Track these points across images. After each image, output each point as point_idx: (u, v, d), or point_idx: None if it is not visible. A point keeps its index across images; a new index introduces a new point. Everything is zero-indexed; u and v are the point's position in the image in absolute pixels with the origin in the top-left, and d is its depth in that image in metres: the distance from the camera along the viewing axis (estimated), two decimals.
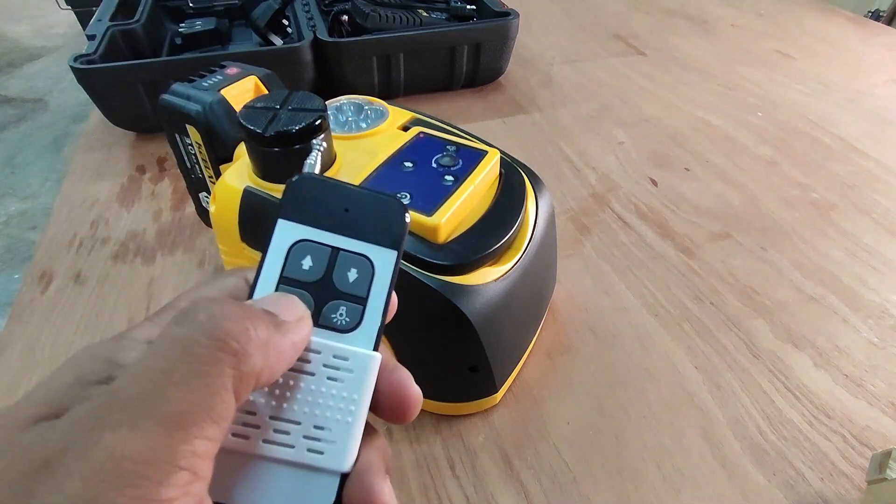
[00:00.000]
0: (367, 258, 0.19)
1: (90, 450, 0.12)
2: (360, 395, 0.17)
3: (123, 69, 0.60)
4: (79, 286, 0.48)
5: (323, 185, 0.19)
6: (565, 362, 0.42)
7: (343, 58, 0.67)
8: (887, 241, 0.54)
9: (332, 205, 0.19)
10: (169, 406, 0.13)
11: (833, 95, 0.78)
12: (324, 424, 0.17)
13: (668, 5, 1.08)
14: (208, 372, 0.14)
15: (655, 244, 0.52)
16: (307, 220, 0.19)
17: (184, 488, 0.13)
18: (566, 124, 0.70)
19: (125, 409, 0.13)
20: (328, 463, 0.17)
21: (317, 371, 0.17)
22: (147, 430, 0.12)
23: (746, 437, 0.37)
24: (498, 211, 0.35)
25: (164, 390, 0.13)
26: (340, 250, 0.19)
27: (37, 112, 2.29)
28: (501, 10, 0.74)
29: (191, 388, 0.13)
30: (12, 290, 1.54)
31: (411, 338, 0.35)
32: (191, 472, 0.13)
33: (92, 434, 0.12)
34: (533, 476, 0.35)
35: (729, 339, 0.44)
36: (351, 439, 0.17)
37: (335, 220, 0.19)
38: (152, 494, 0.12)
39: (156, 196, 0.58)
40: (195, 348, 0.14)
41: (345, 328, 0.18)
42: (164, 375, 0.13)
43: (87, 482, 0.12)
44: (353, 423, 0.17)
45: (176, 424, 0.13)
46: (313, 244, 0.18)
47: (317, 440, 0.17)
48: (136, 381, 0.13)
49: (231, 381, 0.14)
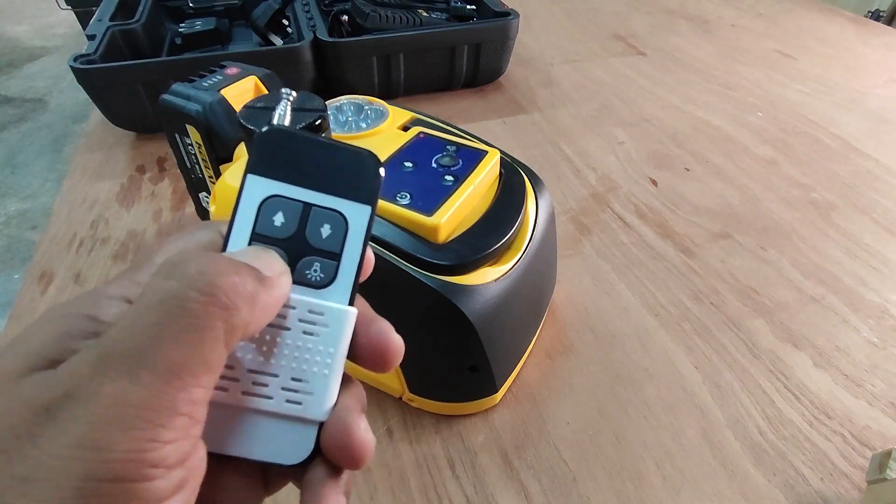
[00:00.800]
0: (341, 213, 0.18)
1: (93, 397, 0.13)
2: (335, 348, 0.18)
3: (123, 69, 0.60)
4: (79, 286, 0.48)
5: (293, 138, 0.19)
6: (565, 362, 0.42)
7: (343, 58, 0.67)
8: (887, 241, 0.54)
9: (304, 159, 0.18)
10: (165, 358, 0.14)
11: (833, 95, 0.78)
12: (301, 377, 0.18)
13: (668, 5, 1.08)
14: (201, 325, 0.14)
15: (655, 244, 0.52)
16: (277, 174, 0.18)
17: (183, 431, 0.14)
18: (566, 124, 0.70)
19: (123, 360, 0.13)
20: (306, 412, 0.18)
21: (293, 326, 0.18)
22: (146, 380, 0.13)
23: (746, 437, 0.37)
24: (498, 211, 0.35)
25: (160, 343, 0.14)
26: (313, 206, 0.18)
27: (37, 112, 2.29)
28: (501, 10, 0.74)
29: (185, 340, 0.14)
30: (12, 290, 1.54)
31: (411, 338, 0.34)
32: (189, 417, 0.14)
33: (92, 383, 0.13)
34: (533, 476, 0.35)
35: (729, 339, 0.44)
36: (328, 390, 0.18)
37: (307, 175, 0.18)
38: (156, 436, 0.13)
39: (156, 196, 0.58)
40: (187, 302, 0.14)
41: (319, 284, 0.18)
42: (158, 328, 0.14)
43: (93, 426, 0.13)
44: (330, 375, 0.18)
45: (173, 374, 0.14)
46: (285, 199, 0.18)
47: (295, 391, 0.17)
48: (131, 333, 0.14)
49: (222, 333, 0.15)
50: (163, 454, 0.13)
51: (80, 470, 0.12)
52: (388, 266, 0.31)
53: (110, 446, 0.13)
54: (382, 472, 0.35)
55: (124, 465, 0.13)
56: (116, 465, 0.13)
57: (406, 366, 0.36)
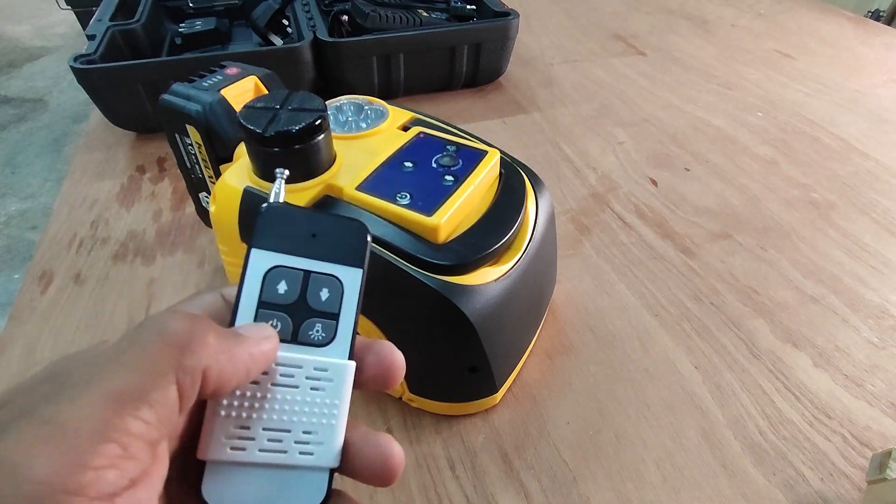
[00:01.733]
0: (336, 278, 0.20)
1: (28, 417, 0.13)
2: (340, 399, 0.19)
3: (123, 69, 0.60)
4: (79, 286, 0.48)
5: (289, 213, 0.21)
6: (565, 362, 0.42)
7: (343, 58, 0.67)
8: (887, 241, 0.54)
9: (300, 231, 0.21)
10: (109, 384, 0.14)
11: (833, 95, 0.78)
12: (311, 429, 0.19)
13: (668, 5, 1.08)
14: (151, 359, 0.15)
15: (655, 244, 0.52)
16: (278, 247, 0.20)
17: (112, 460, 0.13)
18: (566, 124, 0.70)
19: (71, 387, 0.14)
20: (318, 461, 0.19)
21: (300, 384, 0.19)
22: (83, 402, 0.14)
23: (746, 437, 0.37)
24: (498, 211, 0.35)
25: (109, 371, 0.14)
26: (311, 273, 0.20)
27: (37, 112, 2.29)
28: (501, 10, 0.74)
29: (133, 371, 0.15)
30: (12, 290, 1.54)
31: (411, 338, 0.35)
32: (120, 446, 0.14)
33: (34, 406, 0.14)
34: (533, 476, 0.35)
35: (729, 339, 0.44)
36: (336, 438, 0.19)
37: (304, 245, 0.20)
38: (81, 459, 0.13)
39: (156, 196, 0.58)
40: (142, 340, 0.15)
41: (321, 342, 0.20)
42: (111, 360, 0.15)
43: (19, 442, 0.13)
44: (337, 424, 0.19)
45: (111, 400, 0.14)
46: (286, 269, 0.20)
47: (306, 443, 0.19)
48: (87, 365, 0.15)
49: (173, 372, 0.15)
50: (84, 480, 0.13)
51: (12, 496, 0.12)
52: (388, 266, 0.31)
53: (29, 464, 0.12)
54: None
55: (37, 486, 0.12)
56: (30, 486, 0.12)
57: (406, 366, 0.36)
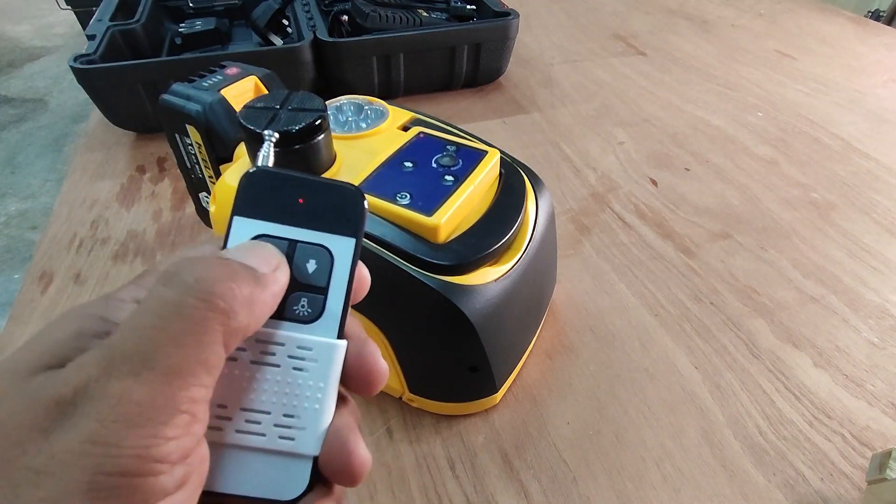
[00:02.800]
0: (326, 248, 0.19)
1: (101, 395, 0.14)
2: (325, 382, 0.18)
3: (123, 69, 0.60)
4: (79, 286, 0.48)
5: (276, 177, 0.19)
6: (565, 362, 0.42)
7: (343, 58, 0.67)
8: (887, 241, 0.54)
9: (287, 197, 0.19)
10: (165, 359, 0.14)
11: (833, 95, 0.78)
12: (293, 412, 0.18)
13: (668, 5, 1.08)
14: (199, 329, 0.15)
15: (655, 244, 0.52)
16: (262, 214, 0.19)
17: (185, 428, 0.14)
18: (566, 124, 0.70)
19: (126, 360, 0.14)
20: (299, 448, 0.18)
21: (282, 363, 0.18)
22: (148, 379, 0.14)
23: (746, 437, 0.37)
24: (498, 211, 0.35)
25: (160, 345, 0.14)
26: (298, 242, 0.19)
27: (37, 112, 2.29)
28: (501, 10, 0.74)
29: (184, 343, 0.15)
30: (12, 290, 1.54)
31: (411, 338, 0.35)
32: (190, 415, 0.15)
33: (99, 383, 0.14)
34: (533, 476, 0.35)
35: (729, 339, 0.44)
36: (320, 425, 0.18)
37: (291, 213, 0.19)
38: (159, 433, 0.14)
39: (156, 196, 0.58)
40: (185, 309, 0.15)
41: (307, 318, 0.18)
42: (158, 332, 0.15)
43: (102, 423, 0.13)
44: (321, 409, 0.18)
45: (173, 374, 0.14)
46: (270, 238, 0.18)
47: (287, 427, 0.18)
48: (134, 336, 0.15)
49: (220, 336, 0.15)
50: (166, 450, 0.14)
51: (91, 465, 0.13)
52: (388, 266, 0.31)
53: (118, 442, 0.13)
54: (382, 472, 0.35)
55: (131, 460, 0.13)
56: (124, 460, 0.13)
57: (406, 366, 0.36)
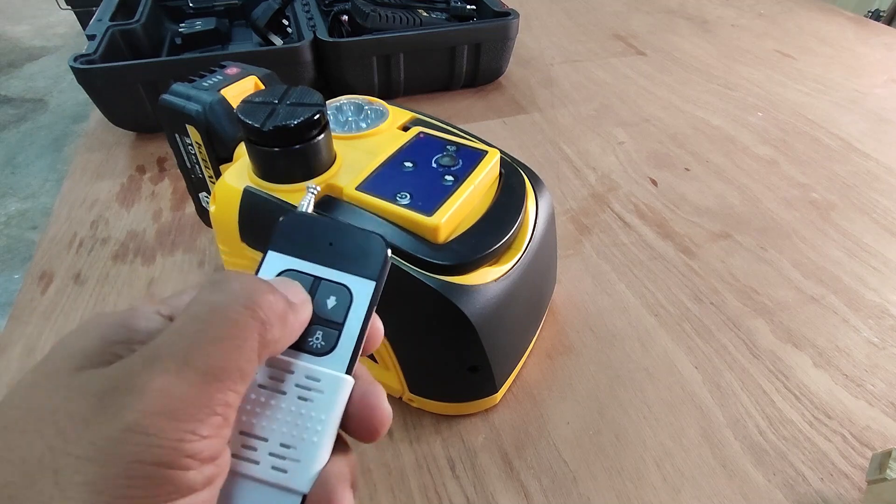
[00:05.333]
0: (346, 287, 0.20)
1: (144, 388, 0.14)
2: (328, 416, 0.18)
3: (123, 69, 0.60)
4: (79, 286, 0.48)
5: (311, 221, 0.21)
6: (565, 362, 0.42)
7: (343, 58, 0.67)
8: (887, 241, 0.54)
9: (318, 238, 0.21)
10: (208, 360, 0.15)
11: (833, 95, 0.78)
12: (290, 443, 0.18)
13: (668, 5, 1.08)
14: (241, 335, 0.16)
15: (655, 244, 0.52)
16: (294, 251, 0.20)
17: (217, 429, 0.15)
18: (566, 124, 0.70)
19: (171, 358, 0.15)
20: (290, 482, 0.17)
21: (288, 390, 0.18)
22: (190, 377, 0.15)
23: (746, 437, 0.37)
24: (498, 211, 0.35)
25: (204, 347, 0.15)
26: (322, 279, 0.20)
27: (37, 112, 2.29)
28: (501, 10, 0.74)
29: (225, 347, 0.15)
30: (12, 290, 1.54)
31: (411, 338, 0.35)
32: (223, 418, 0.15)
33: (143, 377, 0.14)
34: (533, 476, 0.35)
35: (729, 339, 0.44)
36: (315, 461, 0.17)
37: (319, 252, 0.20)
38: (195, 429, 0.14)
39: (156, 196, 0.58)
40: (230, 313, 0.16)
41: (320, 351, 0.19)
42: (203, 335, 0.15)
43: (142, 413, 0.14)
44: (319, 443, 0.18)
45: (213, 376, 0.15)
46: (297, 273, 0.20)
47: (282, 458, 0.17)
48: (180, 337, 0.15)
49: (257, 345, 0.16)
50: (199, 447, 0.14)
51: (129, 452, 0.13)
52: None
53: (157, 433, 0.14)
54: (382, 472, 0.35)
55: (167, 451, 0.14)
56: (161, 450, 0.14)
57: (406, 366, 0.36)
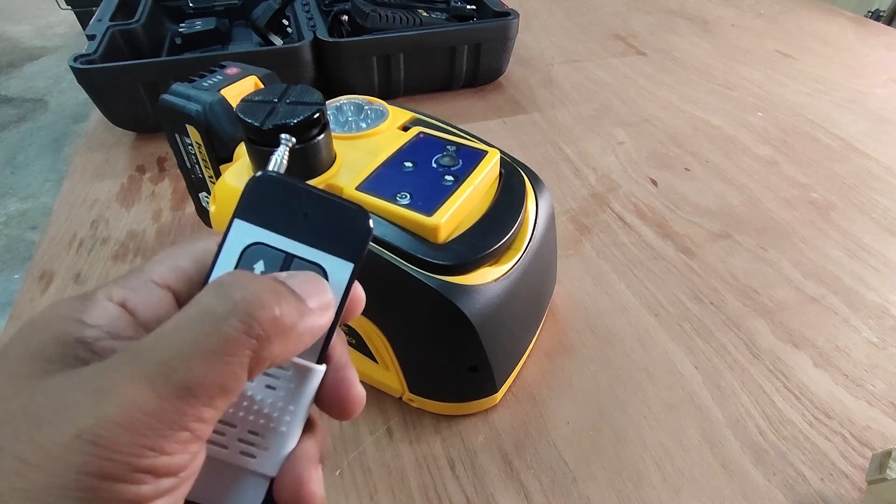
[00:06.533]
0: (322, 268, 0.18)
1: (107, 395, 0.13)
2: (296, 405, 0.18)
3: (123, 69, 0.60)
4: (79, 286, 0.48)
5: (284, 185, 0.18)
6: (565, 362, 0.42)
7: (343, 58, 0.67)
8: (887, 241, 0.54)
9: (293, 208, 0.18)
10: (188, 374, 0.14)
11: (833, 95, 0.78)
12: (258, 430, 0.17)
13: (668, 5, 1.08)
14: (231, 352, 0.14)
15: (655, 244, 0.52)
16: (264, 222, 0.18)
17: (184, 445, 0.14)
18: (566, 124, 0.70)
19: (149, 366, 0.14)
20: (257, 467, 0.17)
21: (257, 379, 0.17)
22: (163, 391, 0.14)
23: (746, 437, 0.37)
24: (498, 211, 0.35)
25: (187, 360, 0.14)
26: (295, 257, 0.18)
27: (37, 112, 2.29)
28: (501, 10, 0.74)
29: (211, 363, 0.14)
30: (12, 290, 1.54)
31: (411, 338, 0.35)
32: (192, 434, 0.14)
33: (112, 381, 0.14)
34: (533, 476, 0.35)
35: (729, 339, 0.44)
36: (282, 448, 0.17)
37: (293, 225, 0.18)
38: (156, 445, 0.13)
39: (156, 196, 0.58)
40: (224, 326, 0.15)
41: None
42: (189, 345, 0.14)
43: (98, 421, 0.13)
44: (287, 432, 0.17)
45: (189, 392, 0.14)
46: (268, 248, 0.18)
47: (250, 444, 0.17)
48: (165, 344, 0.14)
49: (248, 362, 0.15)
50: (157, 463, 0.14)
51: (75, 462, 0.13)
52: (388, 266, 0.31)
53: (109, 444, 0.13)
54: (382, 472, 0.35)
55: (117, 465, 0.13)
56: (109, 463, 0.13)
57: (406, 366, 0.36)
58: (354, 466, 0.35)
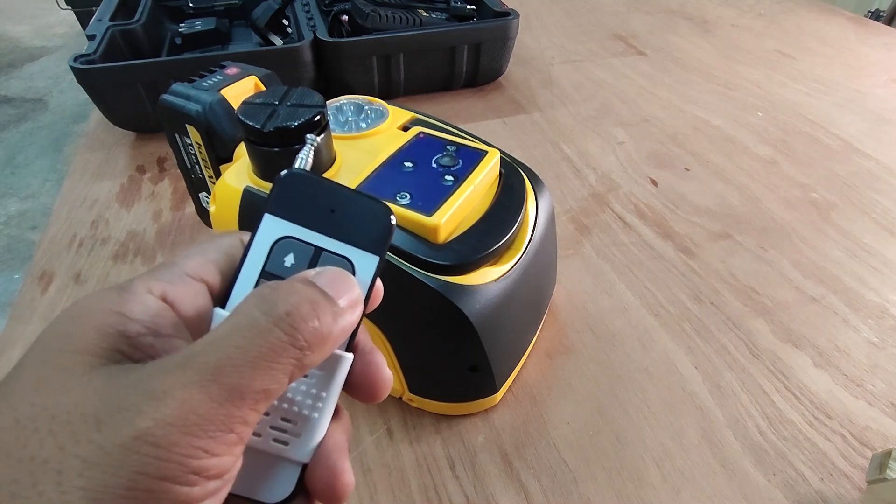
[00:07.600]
0: (349, 260, 0.19)
1: (164, 397, 0.14)
2: (328, 392, 0.18)
3: (123, 69, 0.60)
4: (79, 286, 0.48)
5: (312, 182, 0.19)
6: (565, 362, 0.42)
7: (343, 58, 0.67)
8: (887, 241, 0.54)
9: (320, 204, 0.19)
10: (237, 379, 0.15)
11: (833, 95, 0.78)
12: (291, 418, 0.18)
13: (668, 5, 1.08)
14: (276, 359, 0.15)
15: (655, 244, 0.52)
16: (293, 217, 0.19)
17: (230, 447, 0.15)
18: (566, 124, 0.70)
19: (201, 370, 0.15)
20: (290, 454, 0.18)
21: None
22: (214, 394, 0.14)
23: (746, 437, 0.37)
24: (498, 211, 0.35)
25: (237, 365, 0.15)
26: (323, 250, 0.19)
27: (37, 112, 2.29)
28: (501, 10, 0.74)
29: (258, 368, 0.15)
30: (12, 290, 1.54)
31: (411, 338, 0.35)
32: (238, 436, 0.15)
33: (166, 384, 0.14)
34: (533, 476, 0.35)
35: (729, 339, 0.44)
36: (315, 434, 0.18)
37: (321, 220, 0.19)
38: (207, 446, 0.14)
39: (156, 196, 0.58)
40: (271, 336, 0.15)
41: None
42: (238, 351, 0.15)
43: (157, 422, 0.14)
44: (319, 419, 0.18)
45: (238, 395, 0.15)
46: (297, 242, 0.19)
47: (283, 431, 0.18)
48: (215, 349, 0.15)
49: (290, 370, 0.16)
50: (207, 464, 0.14)
51: (135, 462, 0.13)
52: (387, 266, 0.31)
53: (168, 446, 0.13)
54: (382, 472, 0.35)
55: (174, 466, 0.14)
56: (168, 464, 0.13)
57: (406, 366, 0.36)
58: (354, 467, 0.35)
